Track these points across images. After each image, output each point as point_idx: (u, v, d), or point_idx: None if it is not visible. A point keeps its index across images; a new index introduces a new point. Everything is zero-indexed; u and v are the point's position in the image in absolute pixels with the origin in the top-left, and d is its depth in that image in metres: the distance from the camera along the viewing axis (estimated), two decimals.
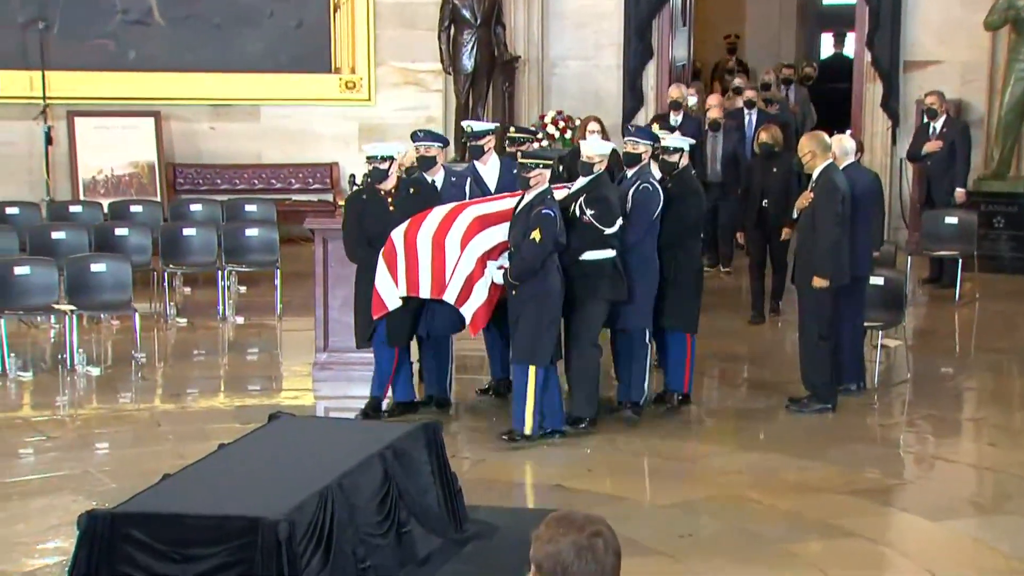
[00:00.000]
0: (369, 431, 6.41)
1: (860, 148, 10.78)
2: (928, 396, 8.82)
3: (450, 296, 7.58)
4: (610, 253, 7.67)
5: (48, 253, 10.17)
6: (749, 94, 13.07)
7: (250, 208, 12.43)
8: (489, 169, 8.51)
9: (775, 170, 10.41)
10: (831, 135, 8.65)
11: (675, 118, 11.99)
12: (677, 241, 8.09)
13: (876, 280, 8.90)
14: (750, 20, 19.21)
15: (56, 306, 9.42)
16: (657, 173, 8.33)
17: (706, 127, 12.23)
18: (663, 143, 8.28)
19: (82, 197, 13.07)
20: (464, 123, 9.02)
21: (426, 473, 5.96)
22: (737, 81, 14.27)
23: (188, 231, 11.28)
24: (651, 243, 7.98)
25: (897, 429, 8.35)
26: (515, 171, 7.73)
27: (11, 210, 11.86)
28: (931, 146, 11.87)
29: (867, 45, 13.62)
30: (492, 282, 7.57)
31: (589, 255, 7.64)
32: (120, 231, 11.09)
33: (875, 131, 13.64)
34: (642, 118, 13.72)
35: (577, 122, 13.09)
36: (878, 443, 7.97)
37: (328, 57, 14.00)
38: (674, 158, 8.21)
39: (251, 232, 11.35)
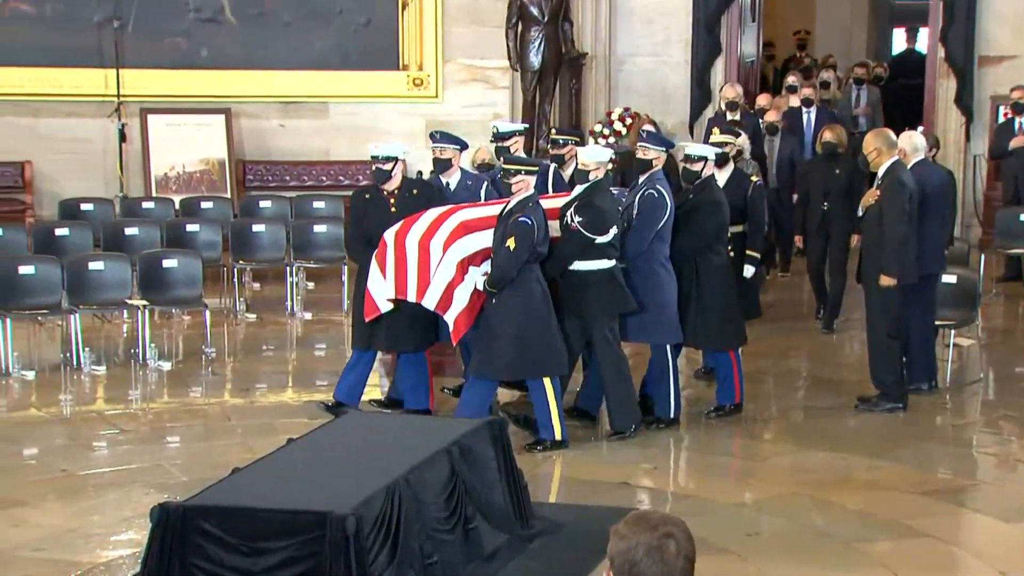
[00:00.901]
0: (436, 427, 6.43)
1: (936, 145, 10.59)
2: (1002, 396, 8.69)
3: (430, 302, 7.37)
4: (606, 263, 7.40)
5: (121, 249, 10.32)
6: (806, 92, 12.69)
7: (318, 204, 12.54)
8: None
9: (838, 171, 10.01)
10: (900, 132, 8.55)
11: (732, 119, 11.61)
12: (695, 253, 7.79)
13: (948, 278, 8.77)
14: (820, 16, 19.02)
15: (129, 301, 9.56)
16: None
17: (763, 131, 11.84)
18: (685, 151, 8.05)
19: (154, 193, 13.23)
20: (493, 123, 8.88)
21: (492, 469, 5.97)
22: (791, 79, 13.55)
23: (257, 227, 11.40)
24: (661, 253, 7.66)
25: (970, 429, 8.22)
26: (545, 174, 7.60)
27: (86, 206, 12.05)
28: (1019, 141, 11.65)
29: (940, 40, 13.44)
30: (476, 289, 7.33)
31: (582, 265, 7.38)
32: (191, 227, 11.22)
33: (948, 127, 13.45)
34: (709, 114, 13.66)
35: (645, 118, 13.06)
36: (950, 443, 7.87)
37: (396, 54, 14.06)
38: (697, 166, 7.90)
39: (319, 228, 11.45)
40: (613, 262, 7.44)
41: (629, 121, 13.18)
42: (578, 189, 7.51)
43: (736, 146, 9.06)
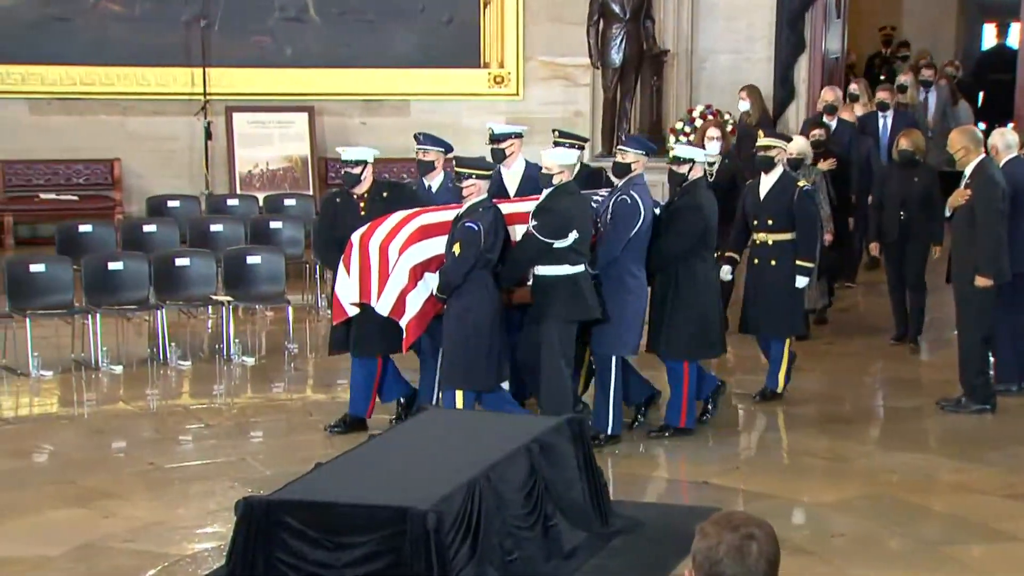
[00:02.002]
0: (515, 424, 6.44)
1: None
2: None
3: (384, 307, 7.20)
4: (567, 269, 7.10)
5: (207, 245, 10.46)
6: (882, 95, 11.90)
7: None
8: (512, 174, 8.00)
9: (916, 180, 9.38)
10: (992, 129, 8.39)
11: (829, 123, 10.96)
12: (676, 258, 7.45)
13: None
14: (907, 11, 18.73)
15: (214, 297, 9.69)
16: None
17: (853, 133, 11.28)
18: (672, 153, 7.71)
19: (239, 191, 13.40)
20: (488, 124, 8.54)
21: (572, 467, 5.97)
22: (853, 87, 12.70)
23: None
24: (634, 261, 7.36)
25: None
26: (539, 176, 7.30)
27: (172, 203, 12.23)
28: None
29: None
30: (432, 295, 7.15)
31: (544, 270, 7.12)
32: (274, 224, 11.34)
33: None
34: (792, 112, 13.53)
35: (727, 116, 12.96)
36: None
37: (477, 52, 14.10)
38: (683, 169, 7.52)
39: None
40: (579, 268, 7.14)
41: (711, 119, 13.07)
42: (544, 193, 7.24)
43: (784, 151, 8.53)
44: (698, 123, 13.04)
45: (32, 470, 7.21)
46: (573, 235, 7.07)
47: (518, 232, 7.29)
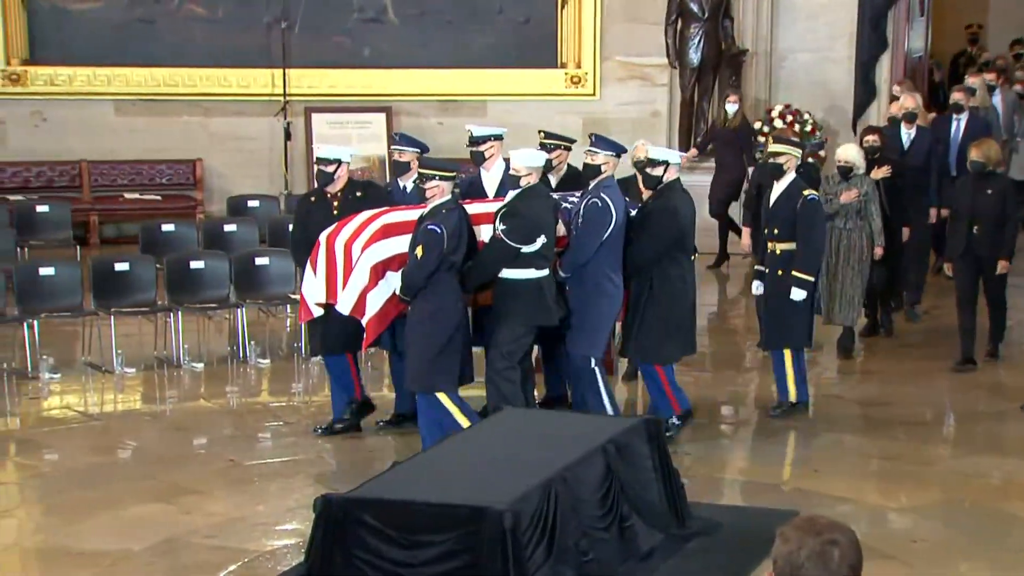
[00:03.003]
0: (591, 425, 6.43)
1: None
2: None
3: (344, 306, 7.12)
4: (532, 273, 6.96)
5: (285, 245, 10.54)
6: (956, 96, 11.16)
7: None
8: (492, 177, 7.91)
9: (989, 192, 8.88)
10: None
11: (908, 132, 10.41)
12: (650, 262, 7.30)
13: None
14: (993, 8, 18.42)
15: (292, 296, 9.77)
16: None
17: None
18: (649, 155, 7.48)
19: None
20: (467, 126, 8.41)
21: (648, 468, 5.96)
22: (908, 104, 10.72)
23: None
24: (611, 265, 7.22)
25: None
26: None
27: (252, 203, 12.36)
28: None
29: None
30: (395, 295, 7.02)
31: (509, 273, 6.98)
32: None
33: None
34: (873, 112, 13.36)
35: (806, 116, 12.85)
36: None
37: (554, 52, 14.11)
38: (657, 171, 7.34)
39: None
40: (543, 272, 7.01)
41: (790, 119, 12.97)
42: (510, 195, 7.11)
43: (795, 158, 8.10)
44: (777, 123, 12.95)
45: (116, 466, 7.34)
46: (541, 240, 6.95)
47: (484, 232, 7.14)
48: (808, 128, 12.96)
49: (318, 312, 7.40)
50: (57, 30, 13.45)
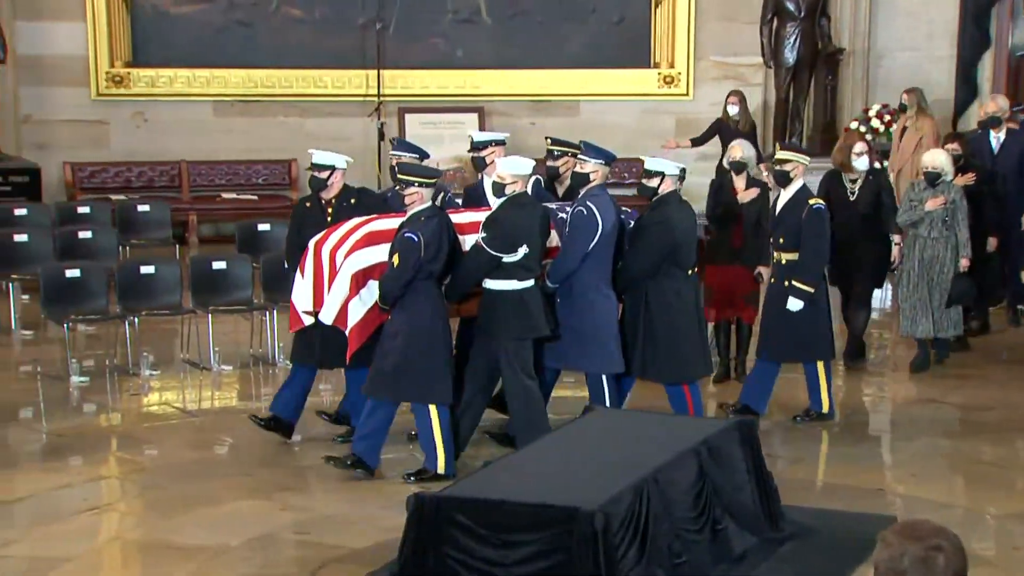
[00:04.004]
0: (683, 426, 6.41)
1: None
2: None
3: (327, 316, 7.01)
4: (515, 284, 6.82)
5: None
6: (991, 108, 10.19)
7: None
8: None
9: None
10: None
11: (996, 136, 9.96)
12: (644, 275, 7.13)
13: None
14: None
15: None
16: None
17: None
18: (645, 166, 7.24)
19: None
20: (468, 132, 8.13)
21: (741, 470, 5.92)
22: (990, 108, 10.20)
23: None
24: (597, 275, 7.04)
25: None
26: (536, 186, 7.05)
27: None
28: None
29: None
30: (376, 305, 6.88)
31: (491, 284, 6.85)
32: None
33: None
34: (974, 112, 13.10)
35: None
36: None
37: (647, 52, 14.07)
38: (653, 182, 7.16)
39: None
40: (527, 283, 6.87)
41: (888, 118, 12.78)
42: (494, 203, 6.96)
43: (802, 165, 7.79)
44: (874, 123, 12.77)
45: (214, 462, 7.46)
46: (523, 250, 6.80)
47: (469, 243, 7.02)
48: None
49: (308, 320, 7.28)
50: (158, 33, 13.73)
